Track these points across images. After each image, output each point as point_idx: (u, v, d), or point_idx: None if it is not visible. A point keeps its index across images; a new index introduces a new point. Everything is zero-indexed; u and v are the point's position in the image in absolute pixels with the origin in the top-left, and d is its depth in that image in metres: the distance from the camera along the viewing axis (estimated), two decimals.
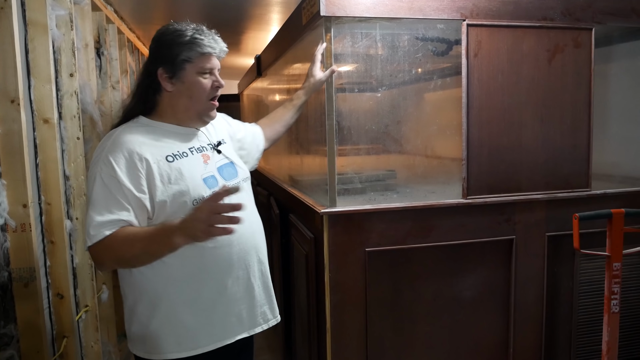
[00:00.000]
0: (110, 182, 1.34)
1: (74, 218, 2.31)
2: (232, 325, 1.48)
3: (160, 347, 1.42)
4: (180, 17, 1.53)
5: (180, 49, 1.42)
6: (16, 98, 1.77)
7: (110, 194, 1.33)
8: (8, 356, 1.78)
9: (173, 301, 1.41)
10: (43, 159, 2.05)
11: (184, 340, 1.42)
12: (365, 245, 1.90)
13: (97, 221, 1.32)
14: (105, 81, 3.13)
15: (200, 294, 1.43)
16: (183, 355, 1.42)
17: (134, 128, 1.44)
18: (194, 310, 1.42)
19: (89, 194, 1.37)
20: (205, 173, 1.45)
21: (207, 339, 1.44)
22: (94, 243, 1.32)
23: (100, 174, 1.35)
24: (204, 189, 1.42)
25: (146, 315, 1.42)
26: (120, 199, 1.34)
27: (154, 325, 1.42)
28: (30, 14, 1.98)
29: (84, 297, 2.37)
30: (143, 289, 1.43)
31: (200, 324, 1.43)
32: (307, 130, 2.33)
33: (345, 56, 2.05)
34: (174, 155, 1.42)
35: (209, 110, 1.50)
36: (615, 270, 1.90)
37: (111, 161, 1.35)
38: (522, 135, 2.03)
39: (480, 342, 2.08)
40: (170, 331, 1.42)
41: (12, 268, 1.81)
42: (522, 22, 1.98)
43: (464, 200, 1.98)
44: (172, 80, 1.44)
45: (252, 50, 4.95)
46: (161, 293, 1.41)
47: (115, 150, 1.36)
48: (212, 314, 1.45)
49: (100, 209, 1.33)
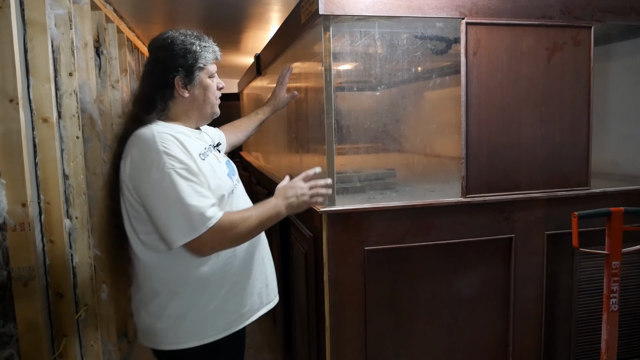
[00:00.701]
0: (186, 172, 1.38)
1: (74, 217, 2.31)
2: (255, 303, 1.59)
3: (198, 334, 1.48)
4: (180, 17, 1.55)
5: (195, 57, 1.50)
6: (15, 97, 1.77)
7: (192, 181, 1.38)
8: (7, 355, 1.78)
9: (211, 290, 1.48)
10: (42, 158, 2.05)
11: (219, 324, 1.50)
12: (365, 244, 1.90)
13: (201, 206, 1.35)
14: (105, 80, 3.13)
15: (236, 279, 1.53)
16: (219, 337, 1.49)
17: (162, 126, 1.47)
18: (227, 295, 1.51)
19: (168, 194, 1.36)
20: (224, 169, 1.57)
21: (239, 318, 1.54)
22: (210, 227, 1.36)
23: (172, 170, 1.36)
24: (230, 182, 1.54)
25: (182, 308, 1.46)
26: (199, 181, 1.40)
27: (192, 315, 1.47)
28: (29, 13, 1.98)
29: (84, 296, 2.37)
30: (182, 283, 1.46)
31: (233, 306, 1.52)
32: (307, 129, 2.33)
33: (344, 55, 2.05)
34: (202, 154, 1.49)
35: (214, 109, 1.60)
36: (614, 269, 1.90)
37: (173, 155, 1.38)
38: (521, 134, 2.03)
39: (480, 340, 2.09)
40: (209, 317, 1.48)
41: (11, 267, 1.81)
42: (521, 21, 1.98)
43: (463, 199, 1.98)
44: (187, 86, 1.51)
45: (252, 49, 4.95)
46: (201, 284, 1.47)
47: (167, 147, 1.39)
48: (242, 296, 1.54)
49: (195, 197, 1.36)
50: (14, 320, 1.84)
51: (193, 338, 1.48)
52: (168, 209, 1.36)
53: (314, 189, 1.54)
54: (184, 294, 1.47)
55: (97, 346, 2.44)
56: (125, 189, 1.44)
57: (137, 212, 1.44)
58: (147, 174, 1.38)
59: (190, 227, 1.35)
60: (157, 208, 1.38)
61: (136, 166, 1.40)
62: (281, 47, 2.70)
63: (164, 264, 1.46)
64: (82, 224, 2.35)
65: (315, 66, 2.13)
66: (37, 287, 1.85)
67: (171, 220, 1.36)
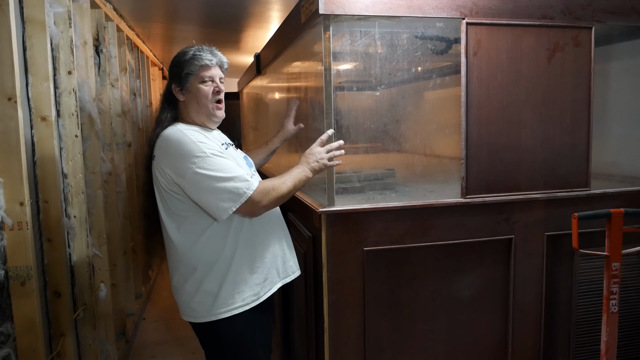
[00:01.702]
0: (220, 154, 1.63)
1: (72, 216, 2.30)
2: (274, 277, 1.81)
3: (228, 306, 1.70)
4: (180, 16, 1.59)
5: (185, 65, 1.74)
6: (13, 96, 1.76)
7: (226, 160, 1.63)
8: (5, 355, 1.78)
9: (237, 265, 1.71)
10: (41, 156, 2.05)
11: (246, 295, 1.72)
12: (364, 244, 1.90)
13: (241, 175, 1.61)
14: (104, 79, 3.12)
15: (255, 254, 1.75)
16: (246, 308, 1.72)
17: (182, 126, 1.71)
18: (252, 268, 1.74)
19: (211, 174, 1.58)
20: (243, 161, 1.83)
21: (262, 289, 1.76)
22: (254, 190, 1.60)
23: (205, 154, 1.59)
24: (249, 170, 1.80)
25: (214, 282, 1.69)
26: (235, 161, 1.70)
27: (223, 289, 1.70)
28: (28, 12, 1.98)
29: (82, 295, 2.37)
30: (210, 260, 1.69)
31: (257, 279, 1.74)
32: (306, 128, 2.33)
33: (344, 54, 2.04)
34: (225, 144, 1.77)
35: (214, 111, 1.77)
36: (614, 270, 1.89)
37: (204, 142, 1.62)
38: (521, 135, 2.02)
39: (479, 341, 2.08)
40: (236, 290, 1.71)
41: (8, 266, 1.81)
42: (522, 21, 1.97)
43: (462, 200, 1.98)
44: (182, 91, 1.76)
45: (252, 48, 4.94)
46: (227, 260, 1.70)
47: (197, 137, 1.63)
48: (263, 270, 1.76)
49: (234, 169, 1.62)
50: (12, 320, 1.83)
51: (225, 310, 1.70)
52: (215, 184, 1.58)
53: (330, 152, 1.79)
54: (214, 270, 1.69)
55: (95, 345, 2.43)
56: (165, 182, 1.66)
57: (177, 200, 1.67)
58: (188, 161, 1.59)
59: (237, 193, 1.58)
60: (204, 188, 1.59)
61: (175, 159, 1.62)
62: (281, 46, 2.69)
63: (197, 245, 1.69)
64: (80, 222, 2.34)
65: (315, 66, 2.12)
66: (34, 286, 1.84)
67: (220, 193, 1.58)
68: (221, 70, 1.81)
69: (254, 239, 1.75)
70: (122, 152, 3.49)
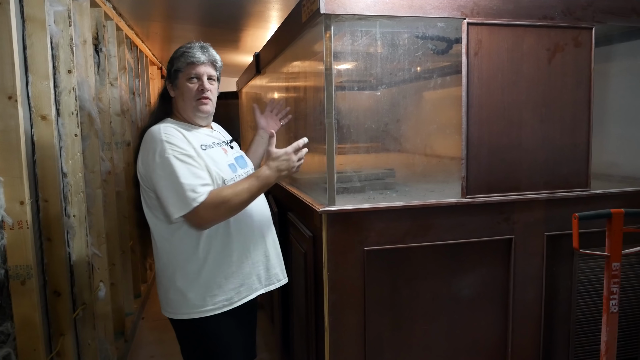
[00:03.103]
0: (183, 157, 1.60)
1: (72, 215, 2.30)
2: (254, 283, 1.77)
3: (199, 307, 1.68)
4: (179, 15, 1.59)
5: (174, 62, 1.75)
6: (13, 94, 1.76)
7: (189, 164, 1.60)
8: (4, 354, 1.77)
9: (210, 268, 1.67)
10: (40, 155, 2.04)
11: (218, 300, 1.69)
12: (364, 244, 1.90)
13: (193, 184, 1.57)
14: (104, 78, 3.11)
15: (231, 259, 1.70)
16: (218, 312, 1.69)
17: (170, 122, 1.74)
18: (226, 273, 1.69)
19: (168, 175, 1.58)
20: (227, 161, 1.78)
21: (237, 296, 1.72)
22: (200, 202, 1.55)
23: (172, 155, 1.59)
24: (229, 172, 1.74)
25: (186, 282, 1.67)
26: (197, 164, 1.62)
27: (194, 290, 1.67)
28: (28, 10, 1.97)
29: (81, 295, 2.36)
30: (184, 260, 1.68)
31: (232, 284, 1.71)
32: (306, 128, 2.32)
33: (345, 54, 2.04)
34: (206, 145, 1.72)
35: (198, 105, 1.74)
36: (614, 270, 1.90)
37: (173, 143, 1.61)
38: (521, 135, 2.02)
39: (479, 341, 2.08)
40: (208, 293, 1.68)
41: (8, 265, 1.80)
42: (523, 21, 1.97)
43: (463, 200, 1.98)
44: (172, 87, 1.77)
45: (251, 47, 4.94)
46: (200, 262, 1.67)
47: (169, 136, 1.63)
48: (240, 275, 1.72)
49: (190, 176, 1.58)
50: (11, 319, 1.83)
51: (196, 311, 1.68)
52: (167, 186, 1.58)
53: (302, 160, 1.72)
54: (188, 268, 1.67)
55: (94, 345, 2.43)
56: (140, 178, 1.69)
57: (150, 197, 1.69)
58: (153, 160, 1.61)
59: (184, 202, 1.56)
60: (160, 188, 1.60)
61: (146, 156, 1.65)
62: (281, 45, 2.69)
63: (173, 241, 1.68)
64: (79, 222, 2.34)
65: (315, 65, 2.12)
66: (34, 286, 1.84)
67: (169, 197, 1.58)
68: (213, 67, 1.77)
69: (231, 244, 1.70)
70: (121, 151, 3.49)
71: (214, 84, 1.78)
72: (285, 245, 2.58)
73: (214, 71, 1.77)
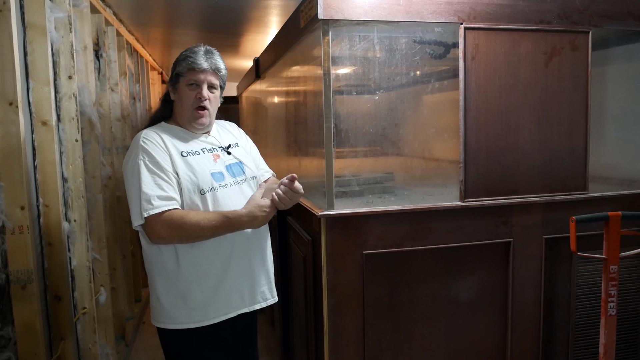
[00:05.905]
0: (152, 165, 1.59)
1: (72, 220, 2.31)
2: (235, 301, 1.69)
3: (174, 318, 1.65)
4: (179, 20, 1.59)
5: (176, 66, 1.73)
6: (14, 100, 1.77)
7: (156, 174, 1.58)
8: (5, 358, 1.78)
9: (186, 279, 1.63)
10: (41, 161, 2.05)
11: (194, 313, 1.64)
12: (363, 247, 1.90)
13: (151, 195, 1.55)
14: (104, 83, 3.13)
15: (208, 273, 1.65)
16: (192, 326, 1.64)
17: (156, 128, 1.73)
18: (203, 287, 1.64)
19: (134, 181, 1.59)
20: (213, 169, 1.70)
21: (214, 312, 1.66)
22: (152, 215, 1.53)
23: (142, 161, 1.59)
24: (211, 181, 1.66)
25: (163, 291, 1.65)
26: (164, 176, 1.59)
27: (169, 300, 1.65)
28: (29, 17, 1.99)
29: (82, 299, 2.37)
30: (162, 267, 1.65)
31: (208, 300, 1.65)
32: (305, 132, 2.34)
33: (343, 59, 2.05)
34: (187, 152, 1.68)
35: (194, 118, 1.71)
36: (612, 273, 1.90)
37: (148, 150, 1.61)
38: (519, 138, 2.03)
39: (478, 344, 2.09)
40: (183, 305, 1.64)
41: (9, 270, 1.81)
42: (519, 25, 1.99)
43: (461, 203, 1.99)
44: (173, 91, 1.75)
45: (251, 52, 4.95)
46: (176, 272, 1.64)
47: (147, 142, 1.63)
48: (218, 291, 1.66)
49: (152, 186, 1.56)
50: (12, 323, 1.83)
51: (172, 321, 1.65)
52: (131, 193, 1.59)
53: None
54: (165, 275, 1.65)
55: (95, 349, 2.43)
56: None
57: None
58: (127, 164, 1.64)
59: (139, 211, 1.55)
60: (127, 193, 1.63)
61: (126, 159, 1.66)
62: (280, 50, 2.70)
63: (152, 246, 1.66)
64: (80, 227, 2.34)
65: (314, 70, 2.13)
66: (35, 290, 1.85)
67: (131, 204, 1.59)
68: (216, 76, 1.71)
69: (209, 256, 1.64)
70: (121, 156, 3.49)
71: (215, 92, 1.72)
72: (284, 249, 2.60)
73: (215, 79, 1.71)
